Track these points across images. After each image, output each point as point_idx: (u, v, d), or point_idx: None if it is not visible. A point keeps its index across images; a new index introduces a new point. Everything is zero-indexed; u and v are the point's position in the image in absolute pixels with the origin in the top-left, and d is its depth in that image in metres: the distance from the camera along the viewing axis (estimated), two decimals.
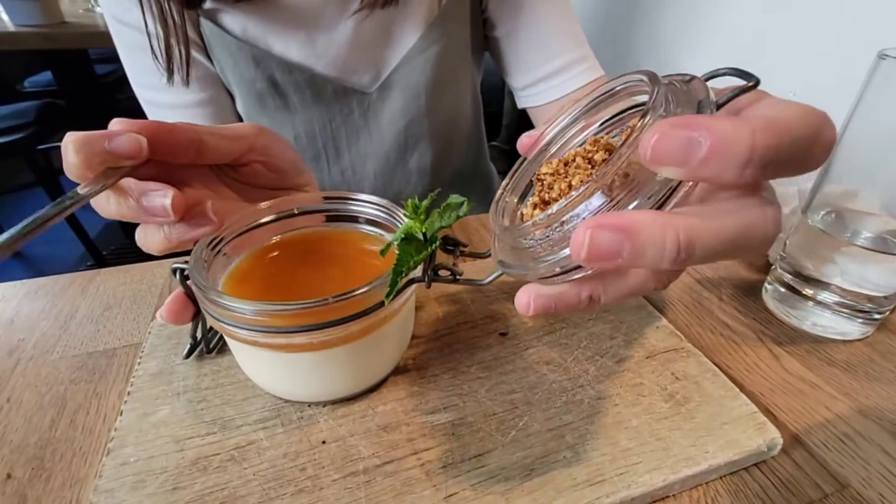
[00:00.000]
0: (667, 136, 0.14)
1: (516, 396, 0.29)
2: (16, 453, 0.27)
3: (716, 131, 0.14)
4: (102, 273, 0.42)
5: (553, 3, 0.55)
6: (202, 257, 0.26)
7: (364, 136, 0.56)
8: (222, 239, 0.28)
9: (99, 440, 0.27)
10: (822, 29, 0.58)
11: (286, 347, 0.25)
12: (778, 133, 0.14)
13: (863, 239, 0.34)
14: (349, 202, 0.32)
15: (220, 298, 0.23)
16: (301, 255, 0.31)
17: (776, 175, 0.15)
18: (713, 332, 0.37)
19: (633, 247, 0.14)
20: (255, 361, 0.27)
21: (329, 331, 0.24)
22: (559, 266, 0.18)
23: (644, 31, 0.84)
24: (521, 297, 0.19)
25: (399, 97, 0.54)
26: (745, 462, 0.26)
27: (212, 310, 0.24)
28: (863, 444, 0.28)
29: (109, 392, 0.30)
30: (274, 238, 0.31)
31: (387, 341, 0.28)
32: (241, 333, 0.24)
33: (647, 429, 0.27)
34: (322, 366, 0.26)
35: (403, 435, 0.27)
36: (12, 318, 0.37)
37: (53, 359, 0.33)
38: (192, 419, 0.27)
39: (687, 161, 0.14)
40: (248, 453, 0.25)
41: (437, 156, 0.61)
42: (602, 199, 0.17)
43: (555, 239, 0.19)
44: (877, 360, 0.35)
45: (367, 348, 0.27)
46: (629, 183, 0.17)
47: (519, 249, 0.21)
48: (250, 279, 0.28)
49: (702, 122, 0.14)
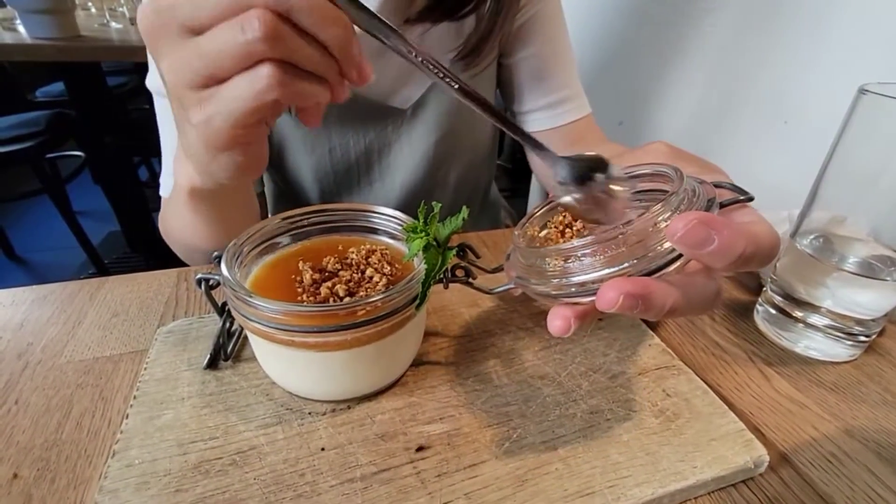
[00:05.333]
0: (695, 228, 0.19)
1: (511, 409, 0.30)
2: (22, 454, 0.27)
3: (724, 235, 0.19)
4: (110, 280, 0.43)
5: (558, 42, 0.59)
6: (232, 265, 0.27)
7: (395, 151, 0.59)
8: (242, 251, 0.29)
9: (104, 443, 0.28)
10: (811, 59, 0.60)
11: (320, 346, 0.26)
12: (757, 245, 0.20)
13: (850, 264, 0.36)
14: (359, 213, 0.34)
15: (257, 300, 0.24)
16: (316, 262, 0.32)
17: (740, 270, 0.19)
18: (705, 352, 0.38)
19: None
20: (283, 362, 0.29)
21: (361, 329, 0.26)
22: (572, 288, 0.22)
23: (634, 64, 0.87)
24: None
25: (431, 116, 0.57)
26: (733, 478, 0.27)
27: (247, 312, 0.25)
28: (849, 464, 0.29)
29: (115, 396, 0.31)
30: (289, 247, 0.33)
31: (409, 338, 0.31)
32: (276, 334, 0.25)
33: (637, 443, 0.28)
34: (354, 363, 0.28)
35: (401, 444, 0.27)
36: (22, 322, 0.38)
37: (61, 363, 0.34)
38: (195, 424, 0.28)
39: (700, 248, 0.19)
40: (249, 458, 0.26)
41: (460, 172, 0.64)
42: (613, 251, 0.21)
43: (569, 267, 0.22)
44: (864, 382, 0.35)
45: (394, 345, 0.29)
46: (640, 246, 0.21)
47: (534, 268, 0.24)
48: (270, 286, 0.30)
49: (718, 224, 0.19)
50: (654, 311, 0.20)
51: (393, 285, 0.29)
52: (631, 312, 0.19)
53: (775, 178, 0.57)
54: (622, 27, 0.90)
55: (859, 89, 0.32)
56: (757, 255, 0.20)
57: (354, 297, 0.28)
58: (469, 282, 0.30)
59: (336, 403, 0.30)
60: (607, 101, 0.88)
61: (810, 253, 0.36)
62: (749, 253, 0.20)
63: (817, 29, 0.59)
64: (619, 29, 0.91)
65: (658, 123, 0.83)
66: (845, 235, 0.37)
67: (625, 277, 0.20)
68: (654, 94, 0.82)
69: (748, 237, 0.20)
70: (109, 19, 1.54)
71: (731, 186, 0.25)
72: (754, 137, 0.66)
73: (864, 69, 0.55)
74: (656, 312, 0.20)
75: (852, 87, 0.33)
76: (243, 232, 0.30)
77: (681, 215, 0.19)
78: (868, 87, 0.32)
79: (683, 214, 0.19)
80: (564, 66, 0.60)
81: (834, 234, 0.37)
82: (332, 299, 0.28)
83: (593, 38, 0.96)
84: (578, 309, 0.22)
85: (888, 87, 0.31)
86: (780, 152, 0.63)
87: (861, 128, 0.33)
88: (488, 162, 0.70)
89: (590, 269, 0.21)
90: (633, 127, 0.88)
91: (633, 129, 0.88)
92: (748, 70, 0.67)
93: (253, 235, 0.30)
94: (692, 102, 0.76)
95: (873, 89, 0.31)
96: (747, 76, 0.67)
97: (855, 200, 0.36)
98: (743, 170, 0.67)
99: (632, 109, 0.88)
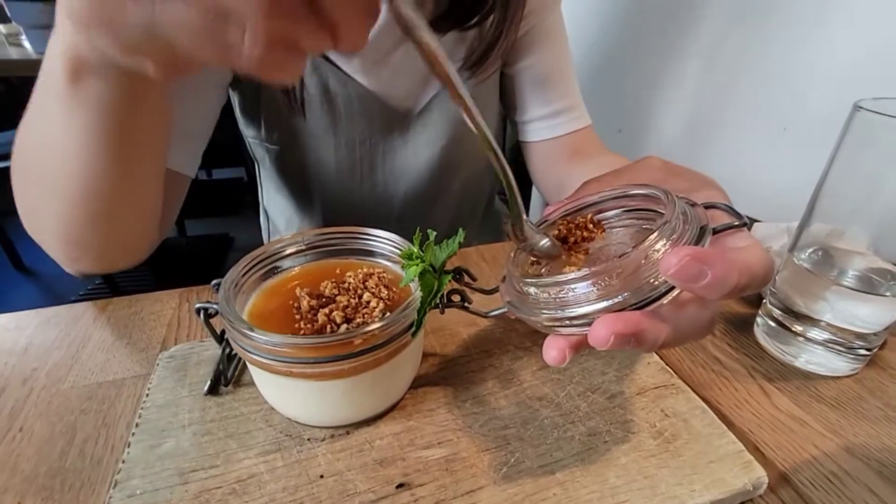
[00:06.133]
0: (688, 264, 0.19)
1: (509, 432, 0.30)
2: (27, 482, 0.28)
3: (717, 269, 0.19)
4: (114, 302, 0.44)
5: (560, 53, 0.60)
6: (230, 297, 0.27)
7: (400, 156, 0.59)
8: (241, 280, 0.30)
9: (106, 470, 0.29)
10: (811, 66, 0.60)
11: (319, 376, 0.27)
12: (750, 276, 0.20)
13: (849, 278, 0.35)
14: (356, 236, 0.34)
15: (255, 334, 0.25)
16: (313, 287, 0.32)
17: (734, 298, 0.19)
18: (705, 368, 0.38)
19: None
20: (282, 391, 0.29)
21: (359, 359, 0.26)
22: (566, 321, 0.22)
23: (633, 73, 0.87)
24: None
25: (437, 122, 0.57)
26: (732, 501, 0.27)
27: (245, 344, 0.26)
28: (850, 484, 0.29)
29: (118, 422, 0.32)
30: (288, 271, 0.34)
31: (407, 363, 0.31)
32: (275, 365, 0.26)
33: (635, 466, 0.28)
34: (352, 390, 0.28)
35: (399, 470, 0.28)
36: (26, 346, 0.38)
37: (65, 388, 0.34)
38: (196, 451, 0.28)
39: (693, 282, 0.19)
40: (248, 487, 0.26)
41: (464, 180, 0.64)
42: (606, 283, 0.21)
43: (563, 299, 0.22)
44: (865, 398, 0.35)
45: (392, 371, 0.29)
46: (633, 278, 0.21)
47: (527, 297, 0.24)
48: (268, 313, 0.30)
49: (711, 258, 0.19)
50: (646, 346, 0.20)
51: (390, 310, 0.29)
52: (623, 348, 0.20)
53: (775, 187, 0.57)
54: (621, 36, 0.91)
55: (854, 105, 0.32)
56: (751, 285, 0.20)
57: (351, 323, 0.28)
58: (465, 306, 0.30)
59: (335, 429, 0.30)
60: (607, 109, 0.88)
61: (808, 268, 0.36)
62: (743, 284, 0.20)
63: (817, 36, 0.59)
64: (618, 38, 0.91)
65: (657, 131, 0.83)
66: (844, 248, 0.37)
67: (617, 314, 0.20)
68: (653, 103, 0.82)
69: (741, 268, 0.20)
70: None
71: (724, 207, 0.25)
72: (753, 145, 0.66)
73: (865, 77, 0.55)
74: (649, 347, 0.20)
75: (853, 94, 0.33)
76: (242, 260, 0.30)
77: (674, 251, 0.19)
78: (862, 103, 0.31)
79: (676, 250, 0.19)
80: (565, 77, 0.61)
81: (833, 247, 0.37)
82: (329, 326, 0.28)
83: (592, 46, 0.96)
84: (573, 339, 0.22)
85: (883, 104, 0.31)
86: (780, 160, 0.62)
87: (857, 143, 0.32)
88: (492, 171, 0.71)
89: (584, 302, 0.21)
90: (632, 135, 0.88)
91: (633, 137, 0.88)
92: (747, 77, 0.67)
93: (251, 263, 0.31)
94: (691, 110, 0.76)
95: (867, 106, 0.31)
96: (746, 84, 0.67)
97: (853, 213, 0.36)
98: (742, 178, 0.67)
99: (631, 117, 0.88)
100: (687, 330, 0.22)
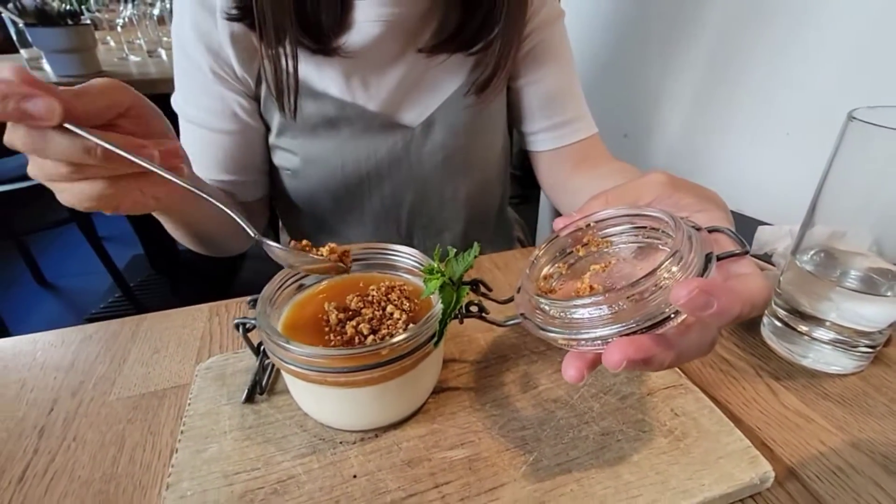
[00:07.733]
0: (697, 296, 0.21)
1: (527, 433, 0.32)
2: (84, 487, 0.30)
3: (723, 301, 0.21)
4: (148, 318, 0.46)
5: (564, 67, 0.61)
6: (266, 311, 0.30)
7: (405, 167, 0.61)
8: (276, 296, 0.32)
9: (156, 475, 0.31)
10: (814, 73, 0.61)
11: (350, 384, 0.29)
12: (752, 306, 0.23)
13: (851, 280, 0.37)
14: (377, 251, 0.36)
15: (292, 346, 0.27)
16: (340, 300, 0.34)
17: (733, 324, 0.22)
18: (713, 368, 0.39)
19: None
20: (317, 398, 0.31)
21: (387, 367, 0.28)
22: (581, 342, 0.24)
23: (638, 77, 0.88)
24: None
25: (440, 134, 0.59)
26: (740, 494, 0.29)
27: (282, 355, 0.28)
28: (855, 477, 0.30)
29: (162, 430, 0.34)
30: (315, 286, 0.36)
31: (430, 369, 0.33)
32: (311, 374, 0.28)
33: (647, 463, 0.29)
34: (380, 396, 0.30)
35: (426, 469, 0.30)
36: (73, 361, 0.41)
37: (111, 400, 0.37)
38: (238, 456, 0.30)
39: (700, 311, 0.21)
40: (289, 487, 0.28)
41: (470, 190, 0.65)
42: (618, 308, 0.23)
43: (576, 321, 0.24)
44: (870, 394, 0.36)
45: (416, 378, 0.31)
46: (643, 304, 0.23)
47: (542, 313, 0.26)
48: (300, 326, 0.33)
49: (717, 291, 0.21)
50: (652, 368, 0.23)
51: (412, 320, 0.31)
52: (632, 370, 0.22)
53: (779, 189, 0.59)
54: (626, 42, 0.92)
55: (848, 115, 0.33)
56: (752, 313, 0.23)
57: (377, 334, 0.30)
58: (482, 316, 0.32)
59: (365, 433, 0.32)
60: (611, 114, 0.90)
61: (810, 270, 0.38)
62: (745, 313, 0.22)
63: (819, 41, 0.60)
64: (622, 44, 0.93)
65: (661, 136, 0.84)
66: (846, 250, 0.38)
67: (629, 340, 0.22)
68: (658, 108, 0.84)
69: (744, 298, 0.22)
70: (128, 53, 1.61)
71: (727, 232, 0.27)
72: (757, 149, 0.67)
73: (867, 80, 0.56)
74: (655, 369, 0.23)
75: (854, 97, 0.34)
76: (275, 277, 0.33)
77: (684, 282, 0.21)
78: (856, 113, 0.33)
79: (686, 282, 0.21)
80: (570, 90, 0.62)
81: (835, 248, 0.38)
82: (356, 338, 0.30)
83: (597, 52, 0.98)
84: (588, 358, 0.25)
85: (876, 113, 0.32)
86: (784, 163, 0.64)
87: (852, 151, 0.34)
88: (501, 179, 0.72)
89: (598, 325, 0.23)
90: (637, 139, 0.90)
91: (637, 142, 0.89)
92: (750, 82, 0.68)
93: (284, 280, 0.33)
94: (695, 115, 0.78)
95: (861, 116, 0.32)
96: (749, 88, 0.68)
97: (854, 215, 0.37)
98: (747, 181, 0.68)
99: (636, 123, 0.89)
100: (690, 353, 0.24)
